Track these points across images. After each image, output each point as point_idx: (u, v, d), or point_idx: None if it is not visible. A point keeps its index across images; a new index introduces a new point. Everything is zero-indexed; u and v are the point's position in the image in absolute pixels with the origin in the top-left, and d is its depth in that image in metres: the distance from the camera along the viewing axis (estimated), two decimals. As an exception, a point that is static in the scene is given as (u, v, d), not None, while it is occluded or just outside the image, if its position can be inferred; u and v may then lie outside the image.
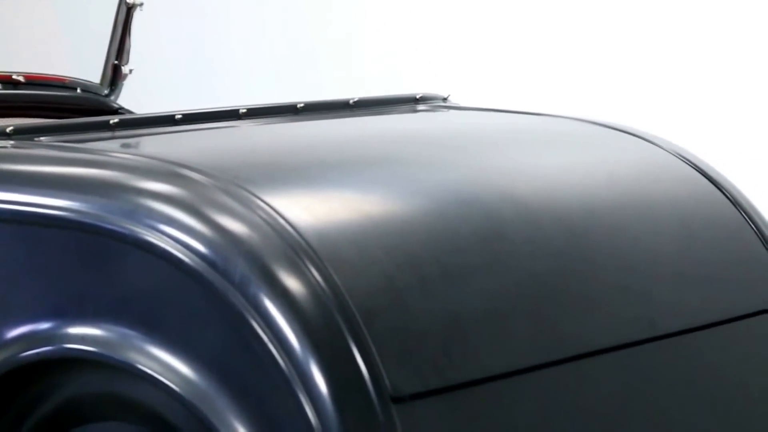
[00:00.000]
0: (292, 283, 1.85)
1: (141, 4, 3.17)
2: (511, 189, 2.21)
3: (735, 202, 2.44)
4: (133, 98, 3.36)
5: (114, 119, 2.46)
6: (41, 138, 2.31)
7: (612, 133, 2.56)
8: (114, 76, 3.22)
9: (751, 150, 5.04)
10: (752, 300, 2.34)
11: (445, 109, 2.80)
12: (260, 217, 1.92)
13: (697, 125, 4.92)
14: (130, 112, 3.16)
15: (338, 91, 3.25)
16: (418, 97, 2.84)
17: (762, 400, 2.28)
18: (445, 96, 2.88)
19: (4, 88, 3.09)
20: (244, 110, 2.57)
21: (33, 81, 3.16)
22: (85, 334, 1.99)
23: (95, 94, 3.22)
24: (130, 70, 3.24)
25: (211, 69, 5.91)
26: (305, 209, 1.98)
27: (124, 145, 2.40)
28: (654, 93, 5.05)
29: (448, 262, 2.01)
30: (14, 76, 3.13)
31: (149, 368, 1.91)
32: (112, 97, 3.24)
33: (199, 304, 1.90)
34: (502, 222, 2.12)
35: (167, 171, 2.02)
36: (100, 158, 2.17)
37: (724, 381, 2.25)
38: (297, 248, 1.88)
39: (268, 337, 1.83)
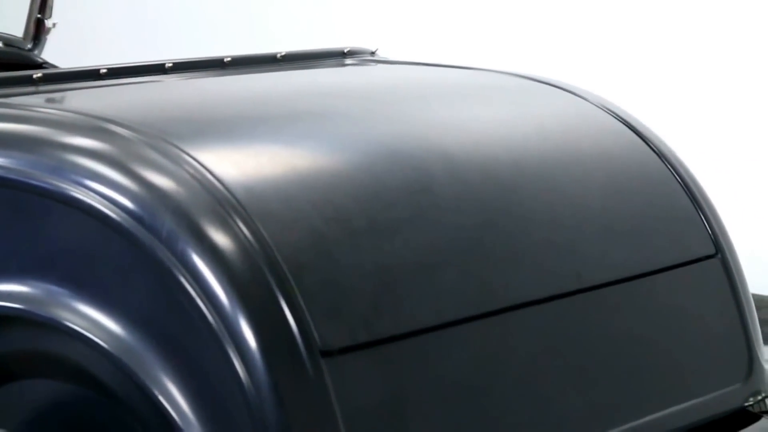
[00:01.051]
0: (219, 238, 1.84)
1: None
2: (439, 143, 2.21)
3: (661, 154, 2.46)
4: (62, 53, 3.32)
5: (37, 73, 2.43)
6: None
7: (539, 87, 2.57)
8: (37, 30, 3.17)
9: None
10: (677, 251, 2.37)
11: (373, 63, 2.80)
12: (187, 172, 1.90)
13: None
14: (55, 67, 3.12)
15: (272, 44, 3.24)
16: (345, 51, 2.83)
17: (686, 349, 2.31)
18: (373, 50, 2.87)
19: None
20: (170, 64, 2.55)
21: None
22: (10, 291, 1.97)
23: (17, 48, 3.17)
24: (54, 24, 3.19)
25: (142, 23, 5.85)
26: (233, 164, 1.97)
27: (48, 100, 2.36)
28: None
29: (376, 216, 2.01)
30: None
31: (76, 325, 1.90)
32: (36, 52, 3.19)
33: (126, 260, 1.89)
34: (430, 176, 2.13)
35: (93, 126, 2.00)
36: (24, 113, 2.14)
37: (649, 331, 2.27)
38: (225, 203, 1.87)
39: (196, 293, 1.83)
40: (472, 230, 2.10)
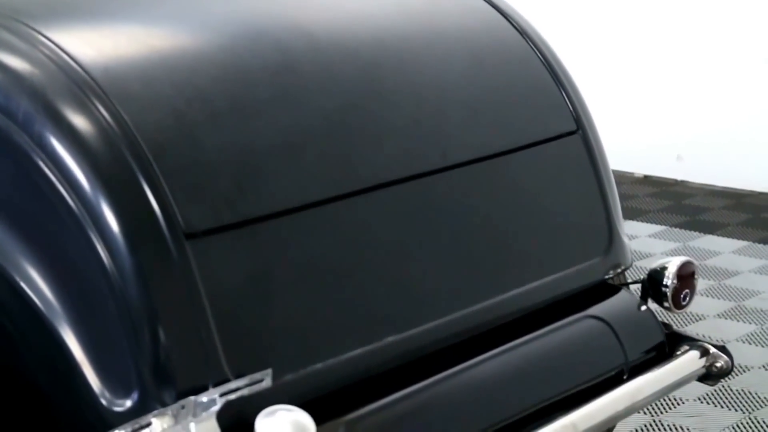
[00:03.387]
0: (78, 120, 1.81)
1: None
2: (301, 22, 2.19)
3: (524, 33, 2.47)
4: None
5: None
6: None
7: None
8: None
9: None
10: (539, 128, 2.39)
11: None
12: (43, 53, 1.86)
13: None
14: None
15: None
16: None
17: (548, 224, 2.35)
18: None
19: None
20: None
21: None
22: None
23: None
24: None
25: None
26: (90, 45, 1.93)
27: None
28: None
29: (238, 96, 1.99)
30: None
31: (-68, 212, 1.86)
32: None
33: (-19, 144, 1.85)
34: (293, 56, 2.11)
35: None
36: None
37: (512, 208, 2.30)
38: (82, 84, 1.83)
39: (56, 177, 1.80)
40: (336, 110, 2.09)
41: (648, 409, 3.31)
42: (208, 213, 1.86)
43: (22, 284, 1.82)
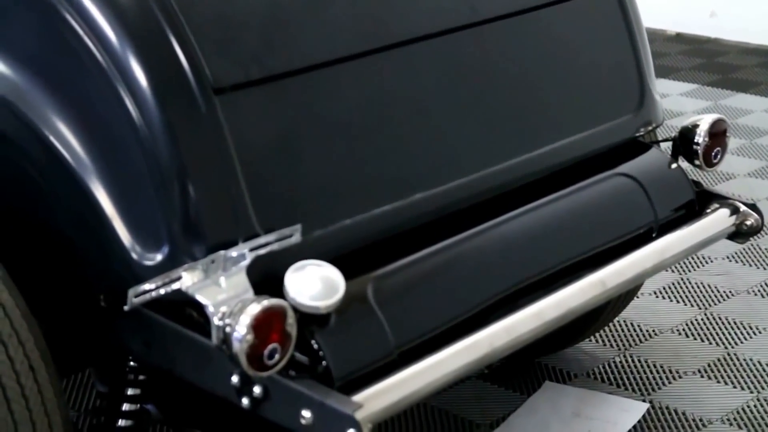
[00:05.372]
0: None
1: None
2: None
3: None
4: None
5: None
6: None
7: None
8: None
9: None
10: None
11: None
12: None
13: None
14: None
15: None
16: None
17: (580, 81, 2.33)
18: None
19: None
20: None
21: None
22: None
23: None
24: None
25: None
26: None
27: None
28: None
29: None
30: None
31: (-40, 66, 1.86)
32: None
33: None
34: None
35: None
36: None
37: (544, 64, 2.28)
38: None
39: (84, 31, 1.79)
40: None
41: (676, 267, 3.32)
42: (236, 68, 1.85)
43: (52, 139, 1.82)
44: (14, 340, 1.73)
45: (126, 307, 1.72)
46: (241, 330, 1.66)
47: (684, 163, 2.41)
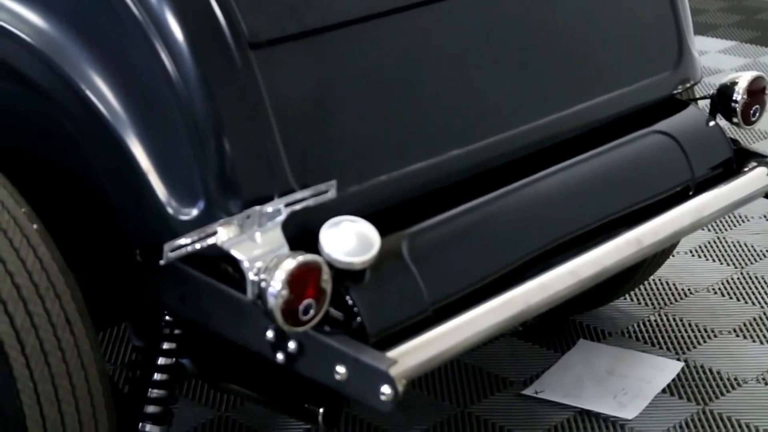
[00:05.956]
0: None
1: None
2: None
3: None
4: None
5: None
6: None
7: None
8: None
9: None
10: None
11: None
12: None
13: None
14: None
15: None
16: None
17: (618, 37, 2.31)
18: None
19: None
20: None
21: None
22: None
23: None
24: None
25: None
26: None
27: None
28: None
29: None
30: None
31: (-1, 19, 1.87)
32: None
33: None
34: None
35: None
36: None
37: (581, 19, 2.26)
38: None
39: None
40: None
41: (712, 225, 3.31)
42: (272, 23, 1.85)
43: (89, 94, 1.82)
44: (51, 293, 1.74)
45: (161, 262, 1.73)
46: (276, 285, 1.67)
47: (722, 121, 2.39)
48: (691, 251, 3.19)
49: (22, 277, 1.72)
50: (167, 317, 1.95)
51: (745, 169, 2.34)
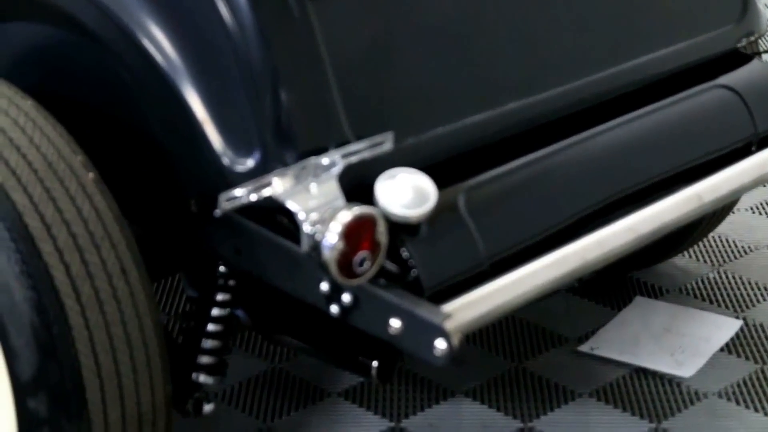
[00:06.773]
0: None
1: None
2: None
3: None
4: None
5: None
6: None
7: None
8: None
9: None
10: None
11: None
12: None
13: None
14: None
15: None
16: None
17: None
18: None
19: None
20: None
21: None
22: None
23: None
24: None
25: None
26: None
27: None
28: None
29: None
30: None
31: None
32: None
33: None
34: None
35: None
36: None
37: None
38: None
39: None
40: None
41: (774, 183, 3.27)
42: (329, -28, 1.83)
43: (146, 43, 1.82)
44: (107, 242, 1.74)
45: (216, 213, 1.73)
46: (331, 237, 1.66)
47: (787, 76, 2.35)
48: (751, 208, 3.16)
49: (78, 225, 1.72)
50: (221, 268, 1.95)
51: (810, 125, 2.30)
